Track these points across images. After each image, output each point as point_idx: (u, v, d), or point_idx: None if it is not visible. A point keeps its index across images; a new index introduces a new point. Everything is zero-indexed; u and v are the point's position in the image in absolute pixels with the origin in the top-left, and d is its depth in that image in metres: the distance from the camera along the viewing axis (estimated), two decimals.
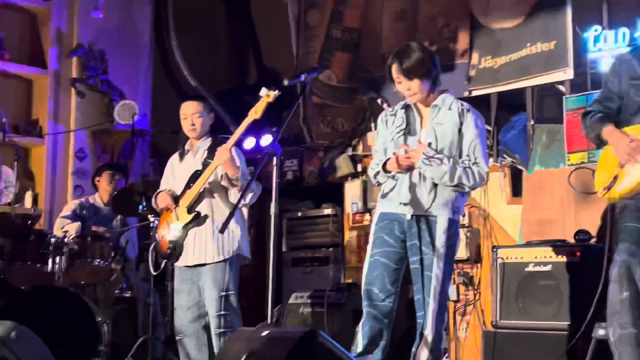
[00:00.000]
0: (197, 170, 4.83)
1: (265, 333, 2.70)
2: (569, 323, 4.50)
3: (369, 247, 4.01)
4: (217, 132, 5.06)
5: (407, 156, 3.86)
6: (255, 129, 5.27)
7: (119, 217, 6.10)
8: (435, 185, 3.89)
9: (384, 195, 4.04)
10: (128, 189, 5.74)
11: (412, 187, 3.91)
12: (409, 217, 3.91)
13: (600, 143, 3.66)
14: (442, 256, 3.84)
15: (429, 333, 3.84)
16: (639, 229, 3.40)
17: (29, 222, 6.44)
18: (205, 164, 4.81)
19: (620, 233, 3.45)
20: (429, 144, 3.90)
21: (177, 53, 7.87)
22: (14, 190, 6.57)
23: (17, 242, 5.37)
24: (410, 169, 3.89)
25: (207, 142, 4.93)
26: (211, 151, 4.82)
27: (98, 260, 5.40)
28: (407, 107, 4.06)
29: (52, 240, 5.36)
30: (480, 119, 4.01)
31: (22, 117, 7.11)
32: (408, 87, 3.95)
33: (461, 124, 3.94)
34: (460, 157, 3.93)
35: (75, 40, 7.19)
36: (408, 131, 4.00)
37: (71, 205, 6.20)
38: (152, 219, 5.19)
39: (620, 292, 3.33)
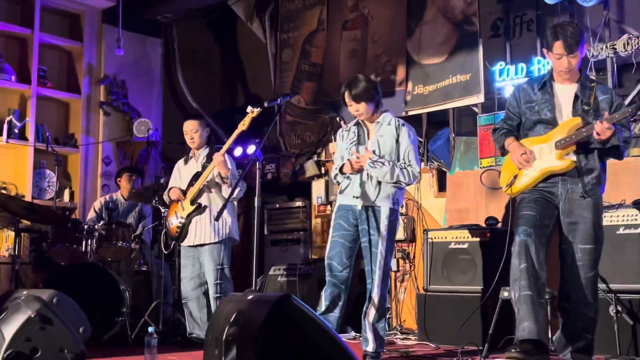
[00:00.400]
0: (197, 172, 4.82)
1: (250, 297, 2.69)
2: (481, 287, 4.54)
3: (330, 230, 4.02)
4: (213, 144, 5.04)
5: (357, 161, 3.87)
6: (243, 140, 5.24)
7: (136, 209, 6.04)
8: (379, 182, 3.91)
9: (341, 191, 4.05)
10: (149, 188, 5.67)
11: (362, 184, 3.93)
12: (359, 207, 3.92)
13: (504, 152, 3.70)
14: (385, 237, 3.86)
15: (375, 296, 3.86)
16: (532, 215, 3.44)
17: (67, 212, 6.39)
18: (204, 167, 4.80)
19: (519, 219, 3.49)
20: (374, 151, 3.92)
21: (182, 82, 7.82)
22: (55, 188, 6.49)
23: (58, 229, 5.30)
24: (360, 170, 3.91)
25: (205, 150, 4.92)
26: (209, 157, 4.81)
27: (121, 242, 5.34)
28: (358, 124, 4.07)
29: (85, 227, 5.31)
30: (412, 131, 4.03)
31: (61, 132, 7.02)
32: (357, 109, 3.97)
33: (398, 135, 3.96)
34: (398, 160, 3.95)
35: (102, 72, 7.12)
36: (358, 142, 4.01)
37: (96, 204, 6.09)
38: (162, 210, 5.16)
39: (519, 264, 3.35)
